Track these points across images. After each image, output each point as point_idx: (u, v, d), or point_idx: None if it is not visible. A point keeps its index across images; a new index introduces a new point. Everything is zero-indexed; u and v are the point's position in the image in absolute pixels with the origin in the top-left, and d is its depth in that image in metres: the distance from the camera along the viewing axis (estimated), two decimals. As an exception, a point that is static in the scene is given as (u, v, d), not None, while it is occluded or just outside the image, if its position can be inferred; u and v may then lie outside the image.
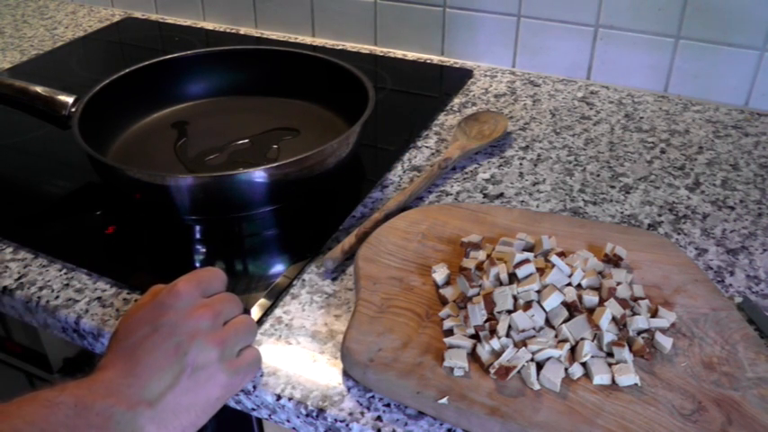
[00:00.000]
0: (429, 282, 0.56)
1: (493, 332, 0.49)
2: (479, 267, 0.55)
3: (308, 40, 1.11)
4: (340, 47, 1.08)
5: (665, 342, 0.50)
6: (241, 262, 0.65)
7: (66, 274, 0.62)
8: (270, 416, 0.51)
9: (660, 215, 0.68)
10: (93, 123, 0.71)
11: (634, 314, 0.52)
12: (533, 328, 0.50)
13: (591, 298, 0.51)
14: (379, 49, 1.06)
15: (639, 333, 0.51)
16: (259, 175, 0.63)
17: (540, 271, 0.53)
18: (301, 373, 0.52)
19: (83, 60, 1.06)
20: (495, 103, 0.90)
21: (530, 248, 0.57)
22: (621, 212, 0.68)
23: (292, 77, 0.85)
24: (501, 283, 0.53)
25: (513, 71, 0.99)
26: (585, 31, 0.93)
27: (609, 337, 0.49)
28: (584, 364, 0.48)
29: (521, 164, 0.77)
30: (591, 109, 0.88)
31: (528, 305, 0.50)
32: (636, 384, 0.47)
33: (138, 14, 1.23)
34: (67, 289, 0.60)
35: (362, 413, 0.48)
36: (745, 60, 0.86)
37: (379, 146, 0.81)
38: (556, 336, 0.50)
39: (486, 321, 0.50)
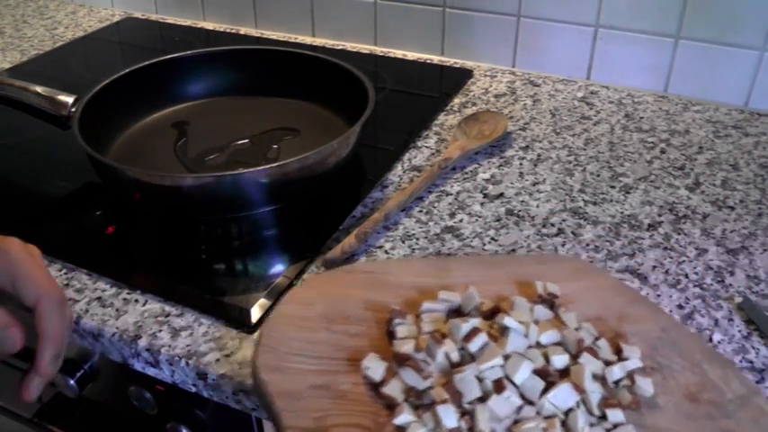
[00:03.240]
0: (360, 379, 0.45)
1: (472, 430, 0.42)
2: (418, 348, 0.46)
3: (307, 40, 1.11)
4: (340, 47, 1.08)
5: (647, 386, 0.46)
6: (241, 262, 0.65)
7: (66, 274, 0.62)
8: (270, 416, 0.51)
9: (660, 215, 0.68)
10: (93, 123, 0.71)
11: (602, 361, 0.47)
12: (515, 410, 0.43)
13: (560, 357, 0.46)
14: (379, 49, 1.06)
15: (617, 382, 0.47)
16: (259, 175, 0.63)
17: (491, 336, 0.47)
18: (301, 373, 0.52)
19: (83, 60, 1.06)
20: (495, 103, 0.90)
21: (456, 308, 0.51)
22: (621, 212, 0.68)
23: (292, 77, 0.85)
24: (452, 364, 0.45)
25: (513, 71, 0.99)
26: (585, 31, 0.93)
27: (596, 397, 0.44)
28: None
29: (521, 164, 0.77)
30: (591, 109, 0.88)
31: (500, 385, 0.43)
32: None
33: (138, 14, 1.23)
34: (67, 289, 0.60)
35: (362, 413, 0.48)
36: (745, 60, 0.86)
37: (379, 146, 0.81)
38: (538, 412, 0.43)
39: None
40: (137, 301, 0.59)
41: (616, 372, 0.46)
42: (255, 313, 0.56)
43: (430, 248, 0.64)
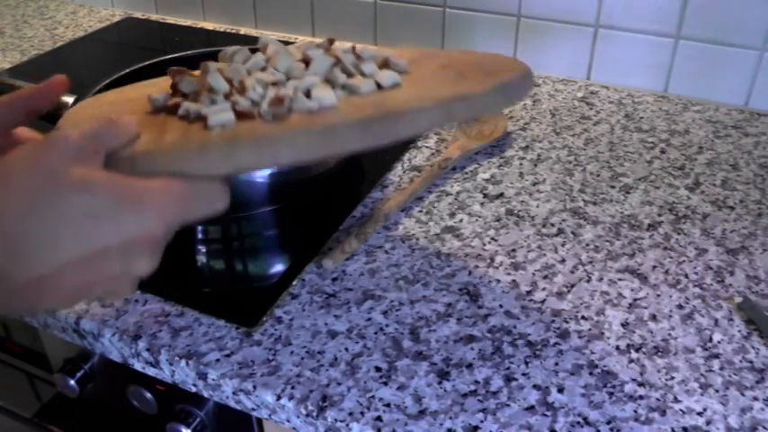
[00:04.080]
0: (146, 110, 0.49)
1: (242, 92, 0.46)
2: (198, 76, 0.50)
3: (307, 40, 1.11)
4: (340, 47, 1.08)
5: (401, 62, 0.51)
6: (241, 262, 0.65)
7: (66, 274, 0.62)
8: (270, 416, 0.51)
9: (660, 215, 0.68)
10: (93, 123, 0.71)
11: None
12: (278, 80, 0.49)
13: (317, 53, 0.50)
14: (379, 49, 1.06)
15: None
16: (259, 175, 0.63)
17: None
18: (301, 372, 0.52)
19: (83, 60, 1.06)
20: (495, 103, 0.90)
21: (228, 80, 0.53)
22: (621, 212, 0.68)
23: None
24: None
25: (513, 71, 0.99)
26: (585, 31, 0.93)
27: (350, 60, 0.50)
28: (343, 87, 0.48)
29: (521, 164, 0.77)
30: (591, 109, 0.88)
31: (264, 68, 0.49)
32: (400, 85, 0.49)
33: (138, 14, 1.23)
34: (67, 289, 0.60)
35: (362, 413, 0.48)
36: (745, 60, 0.86)
37: (379, 146, 0.81)
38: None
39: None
40: (137, 301, 0.59)
41: (367, 53, 0.51)
42: (256, 313, 0.57)
43: (430, 248, 0.64)
